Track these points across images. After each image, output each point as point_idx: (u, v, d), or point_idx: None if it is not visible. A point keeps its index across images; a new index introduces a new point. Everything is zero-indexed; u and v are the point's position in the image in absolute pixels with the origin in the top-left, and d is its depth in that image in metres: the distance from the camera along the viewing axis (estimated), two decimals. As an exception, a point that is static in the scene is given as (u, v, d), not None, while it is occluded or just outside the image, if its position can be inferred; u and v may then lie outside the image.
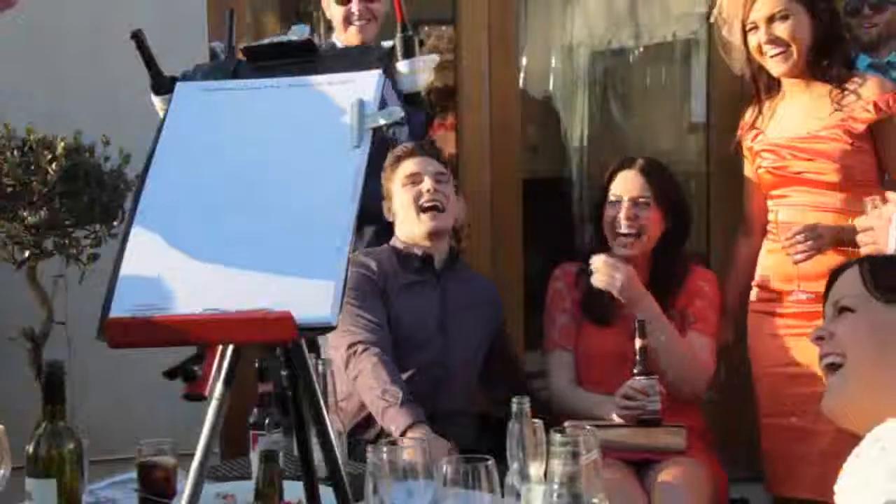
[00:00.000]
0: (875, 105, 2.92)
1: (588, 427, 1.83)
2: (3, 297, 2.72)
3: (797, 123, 3.03)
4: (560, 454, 1.59)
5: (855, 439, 1.63)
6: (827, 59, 2.98)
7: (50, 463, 1.88)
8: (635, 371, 2.90)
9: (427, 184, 3.02)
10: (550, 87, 5.94)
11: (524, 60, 5.62)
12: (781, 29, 2.95)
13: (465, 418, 3.04)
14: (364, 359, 2.82)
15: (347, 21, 3.27)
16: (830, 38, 2.97)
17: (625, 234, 3.06)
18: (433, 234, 3.04)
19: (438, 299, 3.06)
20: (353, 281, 2.85)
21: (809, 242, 2.87)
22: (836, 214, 2.95)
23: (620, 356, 2.96)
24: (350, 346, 2.83)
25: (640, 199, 3.07)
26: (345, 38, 3.29)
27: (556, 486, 1.59)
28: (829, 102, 2.98)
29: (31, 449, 1.88)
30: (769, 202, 3.12)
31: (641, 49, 5.50)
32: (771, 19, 2.95)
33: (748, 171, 3.21)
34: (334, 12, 3.31)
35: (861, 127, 2.93)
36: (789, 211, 3.04)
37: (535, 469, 1.96)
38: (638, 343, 2.90)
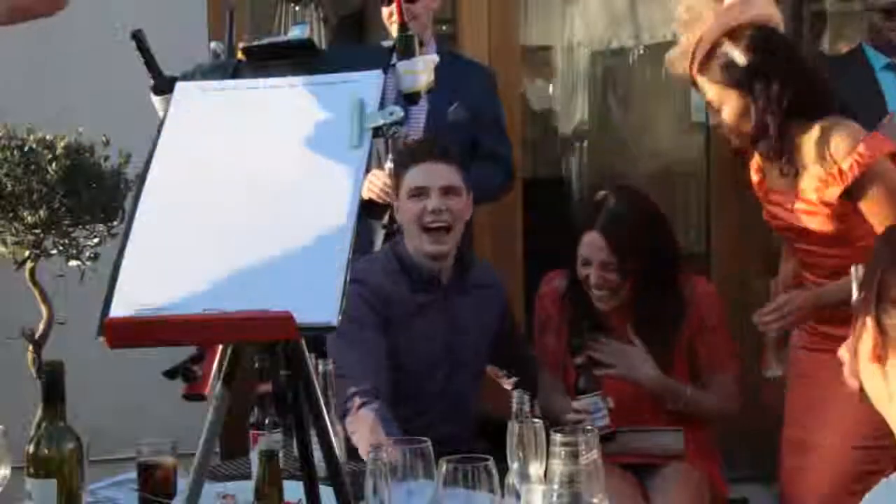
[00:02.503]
0: (840, 173, 2.57)
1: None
2: (3, 297, 2.72)
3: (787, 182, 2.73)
4: (560, 454, 1.59)
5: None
6: (761, 139, 2.67)
7: (50, 463, 1.87)
8: (578, 389, 2.85)
9: (433, 202, 2.77)
10: (550, 87, 5.94)
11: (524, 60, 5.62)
12: (722, 115, 2.70)
13: (466, 445, 2.93)
14: (361, 416, 2.61)
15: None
16: (767, 118, 2.64)
17: (599, 295, 2.96)
18: (436, 257, 2.82)
19: (445, 323, 2.88)
20: (352, 306, 2.35)
21: (782, 320, 2.70)
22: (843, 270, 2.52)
23: (609, 385, 2.90)
24: (348, 396, 2.62)
25: (609, 265, 2.91)
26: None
27: (556, 486, 1.59)
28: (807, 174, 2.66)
29: (31, 449, 1.88)
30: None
31: (641, 49, 5.50)
32: (711, 104, 2.74)
33: None
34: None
35: (834, 198, 2.59)
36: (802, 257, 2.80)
37: (535, 469, 1.96)
38: (577, 360, 2.88)
